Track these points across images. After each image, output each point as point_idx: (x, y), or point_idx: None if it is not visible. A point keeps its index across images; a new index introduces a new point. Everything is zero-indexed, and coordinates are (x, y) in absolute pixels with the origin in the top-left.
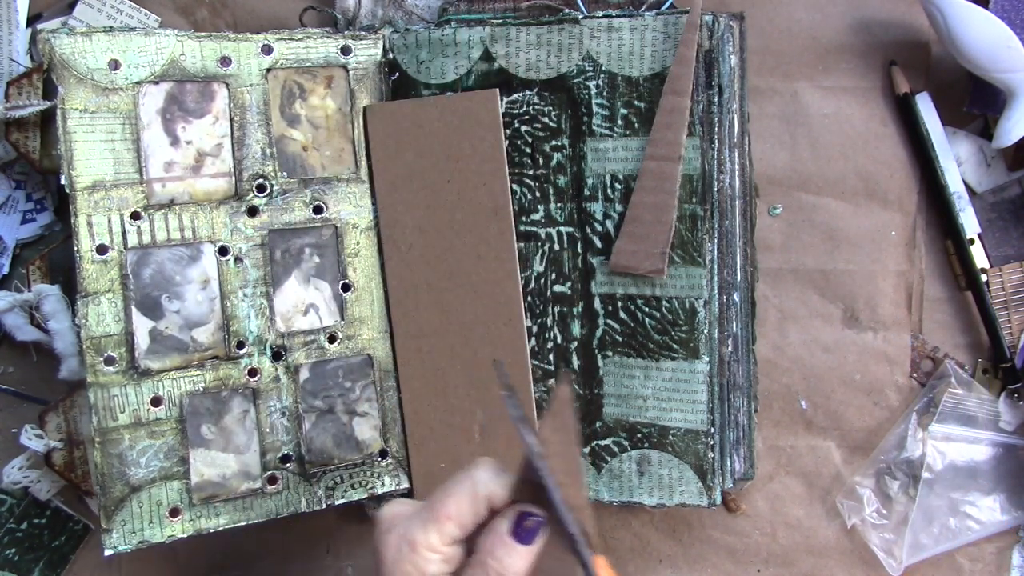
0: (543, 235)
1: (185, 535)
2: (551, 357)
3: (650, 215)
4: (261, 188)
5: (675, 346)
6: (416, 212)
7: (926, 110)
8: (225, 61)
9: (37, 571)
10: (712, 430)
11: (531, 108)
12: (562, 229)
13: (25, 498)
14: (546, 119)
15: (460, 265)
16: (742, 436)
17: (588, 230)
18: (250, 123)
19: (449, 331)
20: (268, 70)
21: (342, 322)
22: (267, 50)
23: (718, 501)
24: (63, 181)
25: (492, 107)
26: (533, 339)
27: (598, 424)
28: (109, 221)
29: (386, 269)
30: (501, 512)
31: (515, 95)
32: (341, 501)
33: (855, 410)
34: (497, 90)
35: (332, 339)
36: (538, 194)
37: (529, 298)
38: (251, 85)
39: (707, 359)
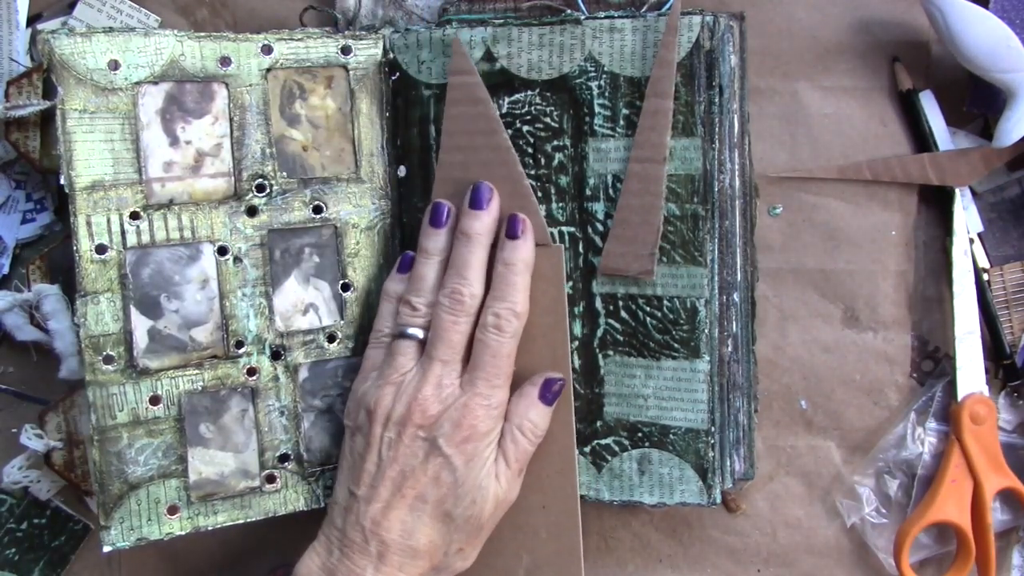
0: None
1: (183, 533)
2: None
3: (637, 217)
4: (260, 188)
5: (676, 345)
6: None
7: (929, 107)
8: (225, 61)
9: (37, 571)
10: (712, 429)
11: (533, 108)
12: (563, 229)
13: (25, 498)
14: (548, 119)
15: None
16: (742, 436)
17: (589, 230)
18: (250, 123)
19: None
20: (268, 70)
21: (342, 322)
22: (267, 50)
23: (718, 500)
24: (62, 181)
25: (557, 262)
26: None
27: (599, 423)
28: (108, 221)
29: None
30: (529, 380)
31: (517, 95)
32: None
33: (855, 410)
34: (563, 247)
35: (331, 339)
36: (540, 194)
37: None
38: (251, 85)
39: (708, 358)
